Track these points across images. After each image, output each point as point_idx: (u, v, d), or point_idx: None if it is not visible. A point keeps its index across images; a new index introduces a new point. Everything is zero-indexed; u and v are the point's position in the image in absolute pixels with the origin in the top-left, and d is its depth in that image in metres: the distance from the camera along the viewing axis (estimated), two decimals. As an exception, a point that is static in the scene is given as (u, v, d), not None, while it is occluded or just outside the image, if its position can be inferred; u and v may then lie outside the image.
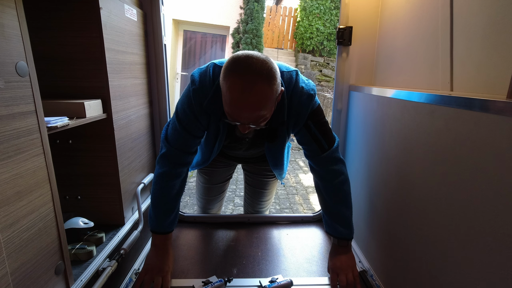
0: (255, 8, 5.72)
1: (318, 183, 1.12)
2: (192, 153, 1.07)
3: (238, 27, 5.93)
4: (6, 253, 0.59)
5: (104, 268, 0.92)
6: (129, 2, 1.15)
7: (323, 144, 1.05)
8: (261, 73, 0.80)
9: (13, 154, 0.60)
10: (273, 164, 1.21)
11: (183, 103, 1.01)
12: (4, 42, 0.58)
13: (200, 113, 0.99)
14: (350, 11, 1.30)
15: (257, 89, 0.80)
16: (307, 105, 0.99)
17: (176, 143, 1.03)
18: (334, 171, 1.07)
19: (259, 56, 0.82)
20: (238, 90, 0.80)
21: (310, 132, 1.03)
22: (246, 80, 0.79)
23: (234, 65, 0.81)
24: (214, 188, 1.49)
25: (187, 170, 1.10)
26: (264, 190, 1.50)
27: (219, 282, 0.99)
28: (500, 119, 0.54)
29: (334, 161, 1.07)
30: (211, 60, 1.02)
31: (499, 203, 0.55)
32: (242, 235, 1.36)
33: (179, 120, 1.02)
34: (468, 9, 0.78)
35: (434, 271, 0.75)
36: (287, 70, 1.00)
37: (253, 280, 1.05)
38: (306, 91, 0.99)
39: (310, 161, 1.11)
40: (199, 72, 0.99)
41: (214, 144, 1.10)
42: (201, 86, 0.96)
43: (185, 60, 6.18)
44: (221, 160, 1.40)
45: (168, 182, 1.04)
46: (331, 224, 1.10)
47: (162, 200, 1.04)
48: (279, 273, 1.10)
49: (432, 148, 0.75)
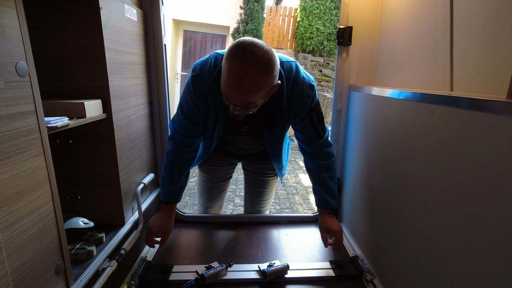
0: (255, 8, 5.73)
1: (310, 163, 1.24)
2: (195, 136, 1.16)
3: (238, 27, 5.93)
4: (6, 253, 0.59)
5: (104, 268, 0.92)
6: (129, 2, 1.15)
7: (320, 132, 1.16)
8: (260, 61, 0.83)
9: (13, 154, 0.60)
10: (272, 154, 1.25)
11: (184, 92, 1.09)
12: (4, 42, 0.58)
13: (199, 100, 1.05)
14: (350, 11, 1.30)
15: (252, 76, 0.84)
16: (310, 95, 1.07)
17: (180, 128, 1.14)
18: (327, 153, 1.21)
19: (262, 46, 0.86)
20: (234, 73, 0.84)
21: (312, 122, 1.13)
22: (244, 65, 0.83)
23: (237, 48, 0.85)
24: (215, 186, 1.50)
25: (192, 151, 1.20)
26: (264, 189, 1.50)
27: (220, 267, 1.07)
28: (500, 119, 0.54)
29: (327, 145, 1.21)
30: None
31: (499, 203, 0.55)
32: (242, 235, 1.36)
33: (181, 108, 1.12)
34: (468, 9, 0.78)
35: (433, 269, 0.75)
36: (287, 60, 1.05)
37: (252, 265, 1.14)
38: (308, 82, 1.06)
39: (304, 147, 1.23)
40: (201, 61, 1.06)
41: (213, 130, 1.15)
42: (201, 73, 1.02)
43: (185, 60, 6.18)
44: (221, 158, 1.41)
45: (171, 159, 1.17)
46: (324, 198, 1.23)
47: (165, 175, 1.18)
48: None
49: (432, 148, 0.75)
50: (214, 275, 1.05)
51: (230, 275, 1.08)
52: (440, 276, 0.72)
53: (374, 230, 1.12)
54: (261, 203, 1.55)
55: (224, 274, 1.07)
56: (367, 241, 1.19)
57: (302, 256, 1.22)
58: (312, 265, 1.16)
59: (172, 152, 1.17)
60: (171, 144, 1.18)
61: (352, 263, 1.16)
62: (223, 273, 1.07)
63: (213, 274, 1.04)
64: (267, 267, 1.08)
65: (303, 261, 1.19)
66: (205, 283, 1.03)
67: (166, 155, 1.19)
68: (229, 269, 1.10)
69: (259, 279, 1.07)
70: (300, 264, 1.16)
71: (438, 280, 0.73)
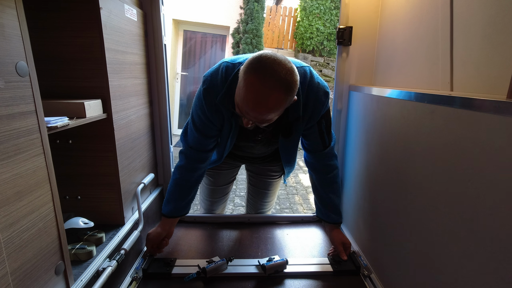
0: (255, 8, 5.72)
1: (313, 175, 1.21)
2: (208, 151, 1.14)
3: (238, 27, 5.92)
4: (6, 253, 0.59)
5: (104, 268, 0.92)
6: (129, 2, 1.15)
7: (326, 141, 1.12)
8: (283, 83, 0.78)
9: (13, 154, 0.60)
10: (286, 160, 1.23)
11: (196, 105, 1.06)
12: (4, 42, 0.58)
13: (212, 113, 1.01)
14: (350, 11, 1.30)
15: (273, 98, 0.79)
16: (324, 102, 1.02)
17: (194, 143, 1.12)
18: (330, 166, 1.17)
19: (286, 64, 0.80)
20: (254, 92, 0.79)
21: (320, 129, 1.09)
22: (266, 85, 0.77)
23: (259, 64, 0.79)
24: (219, 189, 1.48)
25: (204, 166, 1.18)
26: (268, 191, 1.49)
27: (221, 261, 1.09)
28: (500, 119, 0.54)
29: (331, 156, 1.16)
30: (212, 60, 1.04)
31: (498, 203, 0.55)
32: (242, 235, 1.36)
33: (194, 123, 1.08)
34: (468, 9, 0.78)
35: (430, 265, 0.75)
36: (300, 65, 1.00)
37: (252, 260, 1.16)
38: (322, 88, 1.01)
39: (309, 155, 1.19)
40: (211, 72, 1.01)
41: (227, 140, 1.12)
42: (212, 85, 0.98)
43: (185, 60, 6.18)
44: (227, 161, 1.39)
45: (182, 175, 1.15)
46: (325, 212, 1.24)
47: (174, 189, 1.17)
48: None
49: (432, 148, 0.75)
50: (215, 269, 1.07)
51: (230, 269, 1.10)
52: (437, 272, 0.72)
53: (373, 227, 1.13)
54: (264, 205, 1.54)
55: (225, 268, 1.09)
56: (365, 237, 1.20)
57: (302, 256, 1.22)
58: (311, 260, 1.19)
59: (184, 168, 1.15)
60: (183, 159, 1.15)
61: (350, 259, 1.18)
62: (224, 267, 1.09)
63: (214, 268, 1.06)
64: (266, 261, 1.10)
65: (303, 261, 1.19)
66: (206, 276, 1.05)
67: (177, 169, 1.16)
68: (230, 264, 1.12)
69: (259, 273, 1.10)
70: (299, 260, 1.18)
71: (434, 276, 0.73)
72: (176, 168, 1.17)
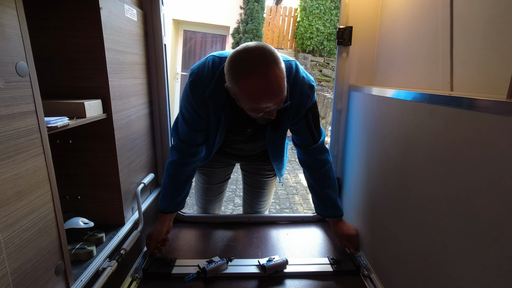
0: (255, 8, 5.72)
1: (307, 172, 1.23)
2: (199, 145, 1.15)
3: (238, 27, 5.93)
4: (6, 253, 0.59)
5: (104, 268, 0.92)
6: (129, 2, 1.15)
7: (316, 135, 1.14)
8: (266, 58, 0.81)
9: (13, 154, 0.60)
10: (273, 154, 1.24)
11: (183, 98, 1.08)
12: (4, 42, 0.58)
13: (198, 105, 1.03)
14: (350, 11, 1.30)
15: (273, 76, 0.81)
16: (309, 95, 1.05)
17: (185, 137, 1.13)
18: (322, 161, 1.19)
19: (255, 46, 0.83)
20: (261, 89, 0.82)
21: (307, 123, 1.11)
22: (261, 74, 0.80)
23: (246, 63, 0.81)
24: (213, 188, 1.49)
25: (197, 160, 1.19)
26: (263, 190, 1.50)
27: (221, 261, 1.10)
28: (500, 119, 0.54)
29: (322, 151, 1.18)
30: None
31: (498, 202, 0.55)
32: (242, 235, 1.36)
33: (183, 116, 1.10)
34: (468, 9, 0.78)
35: (430, 265, 0.75)
36: (287, 60, 1.03)
37: (252, 260, 1.16)
38: (307, 81, 1.05)
39: (300, 151, 1.21)
40: (197, 66, 1.03)
41: (215, 135, 1.13)
42: (199, 78, 1.00)
43: (185, 60, 6.18)
44: (220, 160, 1.40)
45: (176, 170, 1.15)
46: (323, 207, 1.25)
47: (170, 185, 1.17)
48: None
49: (432, 148, 0.75)
50: (215, 269, 1.07)
51: (230, 269, 1.10)
52: (437, 272, 0.72)
53: (373, 227, 1.13)
54: (260, 204, 1.54)
55: (225, 268, 1.10)
56: (365, 237, 1.20)
57: (302, 256, 1.22)
58: (311, 260, 1.19)
59: (176, 163, 1.15)
60: (175, 154, 1.15)
61: (350, 258, 1.18)
62: (224, 267, 1.10)
63: (214, 268, 1.07)
64: (266, 261, 1.10)
65: (303, 261, 1.19)
66: (206, 276, 1.05)
67: (169, 165, 1.16)
68: (230, 264, 1.12)
69: (259, 273, 1.10)
70: (299, 260, 1.19)
71: (434, 276, 0.73)
72: (169, 163, 1.17)
